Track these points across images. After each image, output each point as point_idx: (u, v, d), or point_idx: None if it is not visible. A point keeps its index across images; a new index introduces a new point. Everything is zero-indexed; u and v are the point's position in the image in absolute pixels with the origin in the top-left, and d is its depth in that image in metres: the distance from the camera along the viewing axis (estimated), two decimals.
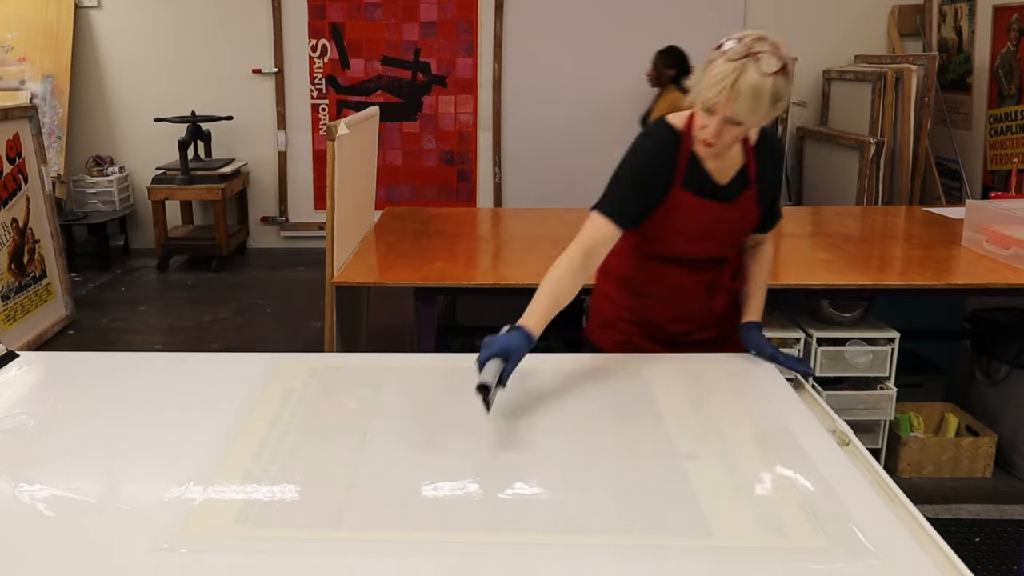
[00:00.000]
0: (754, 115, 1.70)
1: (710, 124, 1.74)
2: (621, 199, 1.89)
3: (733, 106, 1.68)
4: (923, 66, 4.73)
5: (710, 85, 1.68)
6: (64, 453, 1.51)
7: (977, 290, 2.85)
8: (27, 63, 5.87)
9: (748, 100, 1.66)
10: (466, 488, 1.38)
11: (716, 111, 1.71)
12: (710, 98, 1.69)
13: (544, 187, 6.08)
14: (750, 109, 1.68)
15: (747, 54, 1.65)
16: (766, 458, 1.49)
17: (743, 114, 1.69)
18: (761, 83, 1.65)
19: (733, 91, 1.66)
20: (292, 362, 1.93)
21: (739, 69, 1.65)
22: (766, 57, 1.65)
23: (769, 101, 1.68)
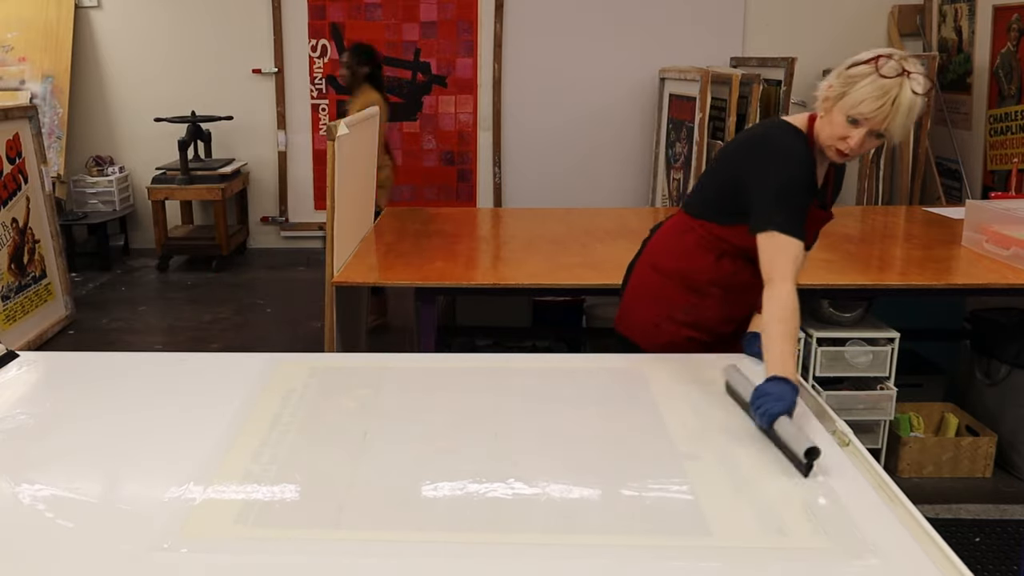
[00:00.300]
0: (904, 131, 1.76)
1: (853, 135, 1.76)
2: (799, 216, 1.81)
3: (890, 121, 1.72)
4: (923, 66, 4.74)
5: (868, 98, 1.71)
6: (64, 453, 1.51)
7: (977, 290, 2.85)
8: (27, 63, 5.87)
9: (904, 117, 1.72)
10: (466, 488, 1.38)
11: (865, 124, 1.74)
12: (868, 112, 1.72)
13: (544, 187, 6.08)
14: (903, 125, 1.74)
15: (901, 72, 1.71)
16: (766, 458, 1.49)
17: (897, 129, 1.74)
18: (915, 101, 1.71)
19: (894, 107, 1.70)
20: (292, 362, 1.93)
21: (899, 85, 1.70)
22: (917, 77, 1.72)
23: (914, 118, 1.75)
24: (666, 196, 5.36)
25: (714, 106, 4.74)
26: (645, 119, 5.96)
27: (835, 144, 1.80)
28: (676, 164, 5.16)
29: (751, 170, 1.87)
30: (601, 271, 2.83)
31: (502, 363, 2.00)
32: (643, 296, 2.14)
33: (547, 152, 6.10)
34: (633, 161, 6.03)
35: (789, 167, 1.83)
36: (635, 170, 6.02)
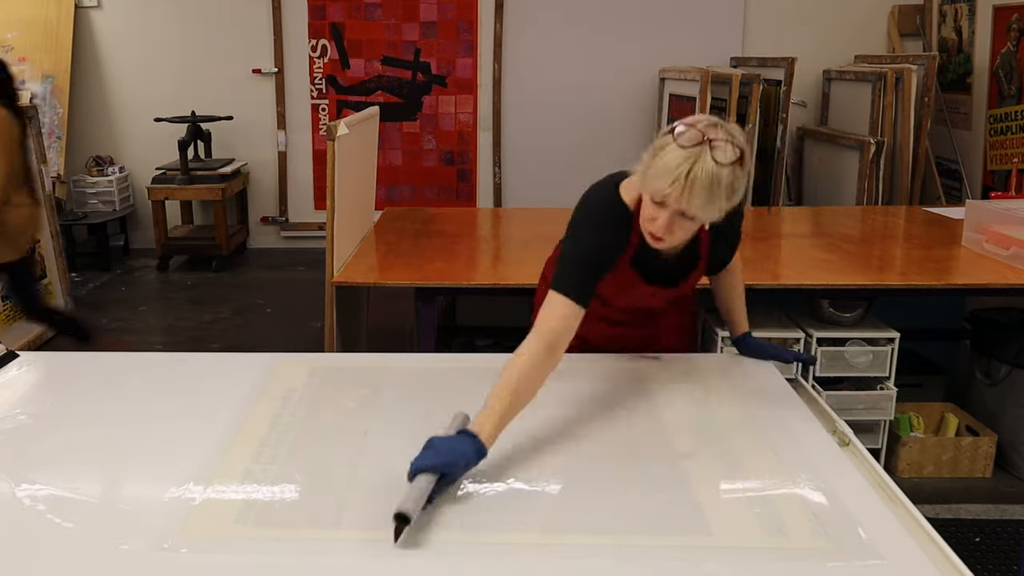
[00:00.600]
0: (709, 210, 1.52)
1: (660, 216, 1.57)
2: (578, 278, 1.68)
3: (687, 199, 1.51)
4: (923, 66, 4.74)
5: (661, 174, 1.51)
6: (64, 453, 1.51)
7: (977, 290, 2.85)
8: (27, 63, 5.86)
9: (703, 192, 1.49)
10: (466, 488, 1.38)
11: (667, 204, 1.54)
12: (660, 189, 1.52)
13: (544, 187, 6.07)
14: (705, 202, 1.51)
15: (701, 141, 1.49)
16: (766, 458, 1.49)
17: (697, 208, 1.52)
18: (718, 174, 1.48)
19: (688, 183, 1.49)
20: (292, 362, 1.94)
21: (693, 158, 1.49)
22: (721, 145, 1.49)
23: (725, 194, 1.51)
24: None
25: (714, 106, 4.74)
26: (645, 119, 5.96)
27: (646, 227, 1.63)
28: None
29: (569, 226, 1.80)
30: None
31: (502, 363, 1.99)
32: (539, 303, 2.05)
33: (547, 152, 6.10)
34: (633, 161, 5.99)
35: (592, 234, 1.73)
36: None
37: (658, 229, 1.59)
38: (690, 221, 1.57)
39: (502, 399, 1.47)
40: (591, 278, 1.70)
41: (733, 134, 1.52)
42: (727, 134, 1.52)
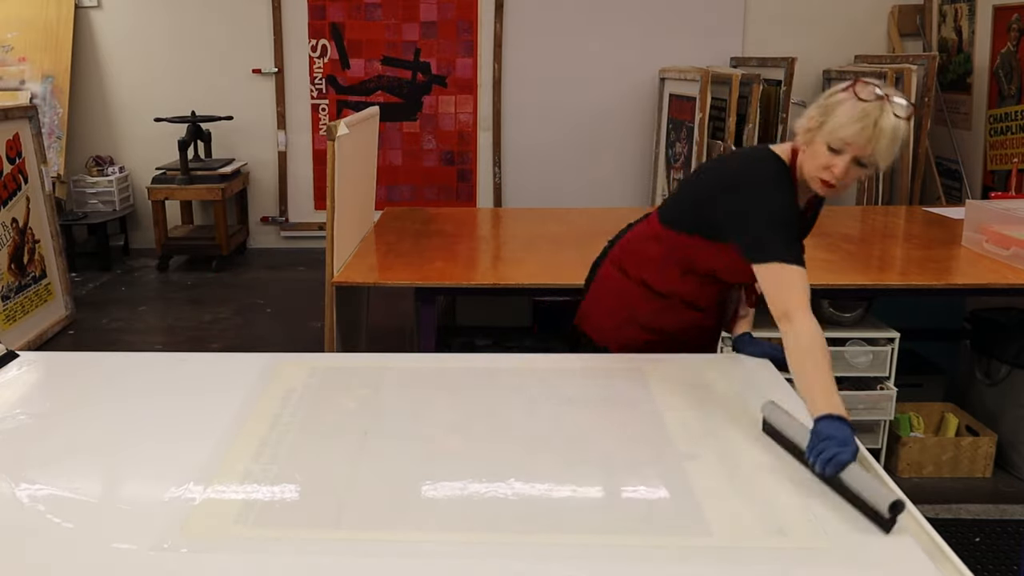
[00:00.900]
0: (889, 156, 1.68)
1: (837, 163, 1.68)
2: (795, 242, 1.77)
3: (874, 145, 1.65)
4: (923, 66, 4.74)
5: (846, 123, 1.65)
6: (64, 453, 1.51)
7: (977, 290, 2.85)
8: (27, 63, 5.86)
9: (888, 141, 1.65)
10: (466, 488, 1.38)
11: (848, 150, 1.67)
12: (849, 136, 1.65)
13: (544, 187, 6.07)
14: (887, 149, 1.66)
15: (880, 96, 1.65)
16: (766, 458, 1.49)
17: (882, 154, 1.66)
18: (898, 126, 1.65)
19: (876, 130, 1.63)
20: (292, 362, 1.94)
21: (879, 109, 1.63)
22: (898, 101, 1.65)
23: (900, 144, 1.68)
24: (666, 196, 5.36)
25: (714, 106, 4.74)
26: (645, 119, 5.96)
27: (819, 175, 1.73)
28: (676, 164, 5.16)
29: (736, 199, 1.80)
30: None
31: (502, 363, 2.00)
32: (606, 296, 2.12)
33: (547, 152, 6.10)
34: (633, 161, 6.02)
35: (778, 194, 1.78)
36: (635, 170, 6.02)
37: (838, 174, 1.70)
38: (861, 169, 1.70)
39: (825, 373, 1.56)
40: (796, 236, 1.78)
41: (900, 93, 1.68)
42: (898, 93, 1.68)
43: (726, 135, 4.60)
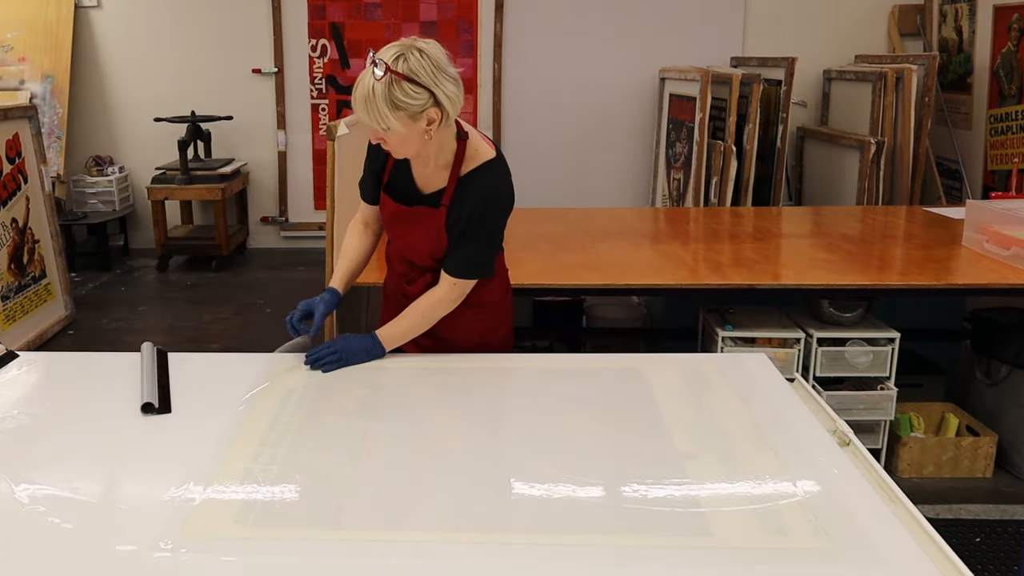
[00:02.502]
0: (375, 118, 1.72)
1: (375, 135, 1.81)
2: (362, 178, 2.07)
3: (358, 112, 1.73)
4: (923, 66, 4.73)
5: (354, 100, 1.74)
6: (64, 453, 1.51)
7: (977, 290, 2.85)
8: (27, 63, 5.86)
9: (363, 105, 1.71)
10: (466, 488, 1.38)
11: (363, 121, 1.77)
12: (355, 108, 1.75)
13: (544, 187, 6.07)
14: (366, 113, 1.72)
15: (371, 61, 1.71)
16: (766, 458, 1.49)
17: (364, 118, 1.74)
18: (370, 88, 1.69)
19: (354, 99, 1.73)
20: (292, 362, 1.93)
21: (362, 76, 1.72)
22: (379, 64, 1.69)
23: (386, 105, 1.70)
24: (666, 196, 5.35)
25: (714, 106, 4.74)
26: (645, 119, 5.96)
27: None
28: (676, 164, 5.16)
29: None
30: (601, 271, 2.83)
31: (502, 363, 2.00)
32: None
33: (547, 152, 6.10)
34: (633, 161, 6.02)
35: None
36: (635, 170, 6.01)
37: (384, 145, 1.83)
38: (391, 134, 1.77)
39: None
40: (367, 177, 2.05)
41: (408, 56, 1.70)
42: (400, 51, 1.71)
43: (726, 135, 4.60)
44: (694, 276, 2.80)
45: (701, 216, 3.94)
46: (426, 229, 1.96)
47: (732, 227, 3.60)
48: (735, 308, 3.00)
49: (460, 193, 1.92)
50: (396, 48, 1.72)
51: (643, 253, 3.11)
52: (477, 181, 1.93)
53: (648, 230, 3.65)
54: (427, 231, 1.96)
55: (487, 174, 1.95)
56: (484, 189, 1.94)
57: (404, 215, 1.98)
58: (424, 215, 1.95)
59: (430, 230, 1.95)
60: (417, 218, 1.96)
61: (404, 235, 2.02)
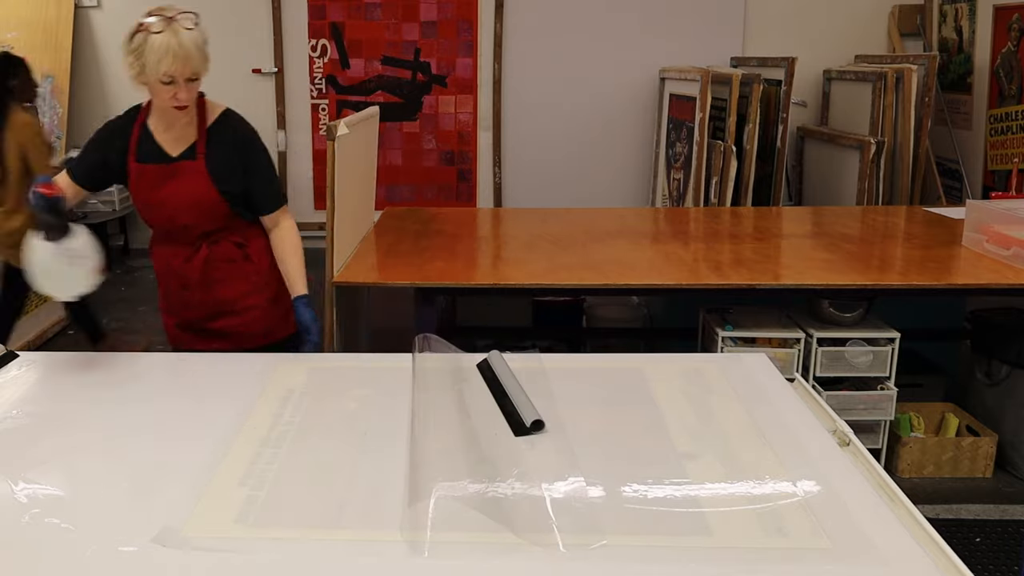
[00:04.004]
0: (200, 66, 2.00)
1: (180, 90, 2.00)
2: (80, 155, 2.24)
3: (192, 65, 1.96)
4: (923, 66, 4.73)
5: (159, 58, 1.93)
6: (64, 453, 1.51)
7: (977, 290, 2.85)
8: None
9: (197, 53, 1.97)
10: (466, 488, 1.38)
11: (176, 76, 1.96)
12: (167, 68, 1.94)
13: (544, 187, 6.07)
14: (200, 60, 1.99)
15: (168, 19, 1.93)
16: (766, 458, 1.49)
17: (198, 66, 1.99)
18: (194, 37, 1.96)
19: (183, 52, 1.93)
20: (292, 362, 1.94)
21: (172, 34, 1.92)
22: (182, 17, 1.94)
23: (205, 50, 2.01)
24: (666, 196, 5.35)
25: (714, 106, 4.74)
26: (645, 119, 5.96)
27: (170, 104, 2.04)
28: (676, 164, 5.16)
29: None
30: (601, 271, 2.83)
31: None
32: None
33: (547, 152, 6.10)
34: (633, 161, 6.02)
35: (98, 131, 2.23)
36: (635, 170, 6.01)
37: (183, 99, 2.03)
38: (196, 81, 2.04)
39: None
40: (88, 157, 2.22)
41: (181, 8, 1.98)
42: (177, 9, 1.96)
43: (726, 135, 4.60)
44: (694, 276, 2.80)
45: (701, 216, 3.95)
46: (189, 181, 2.13)
47: (732, 227, 3.60)
48: (735, 308, 3.00)
49: (212, 142, 2.15)
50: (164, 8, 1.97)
51: (643, 253, 3.11)
52: (226, 128, 2.18)
53: (648, 230, 3.65)
54: (190, 182, 2.13)
55: (230, 120, 2.21)
56: (238, 131, 2.20)
57: (165, 173, 2.13)
58: (185, 169, 2.13)
59: (193, 181, 2.13)
60: (178, 173, 2.13)
61: (171, 195, 2.13)
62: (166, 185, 2.13)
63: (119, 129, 2.18)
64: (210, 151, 2.13)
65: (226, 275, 2.23)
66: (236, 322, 2.25)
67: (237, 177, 2.17)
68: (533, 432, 1.56)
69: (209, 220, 2.18)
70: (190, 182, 2.13)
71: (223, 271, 2.23)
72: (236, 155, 2.17)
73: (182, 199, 2.13)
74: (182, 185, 2.13)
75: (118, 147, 2.15)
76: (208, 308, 2.24)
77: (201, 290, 2.22)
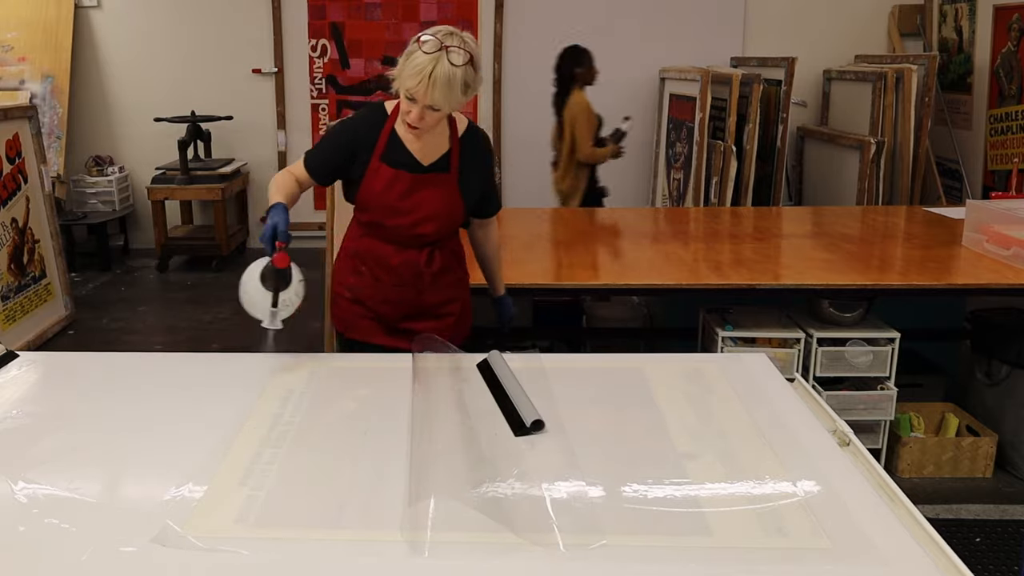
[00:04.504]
0: (449, 100, 1.92)
1: (412, 110, 1.95)
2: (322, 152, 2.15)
3: (430, 94, 1.89)
4: (923, 66, 4.73)
5: (410, 76, 1.89)
6: (64, 453, 1.51)
7: (977, 290, 2.85)
8: (27, 63, 5.86)
9: (443, 88, 1.88)
10: (466, 488, 1.38)
11: (417, 99, 1.91)
12: (411, 87, 1.90)
13: (544, 187, 6.05)
14: (444, 96, 1.90)
15: (441, 48, 1.87)
16: (766, 458, 1.49)
17: (440, 101, 1.90)
18: (453, 73, 1.88)
19: (431, 81, 1.87)
20: (292, 362, 1.93)
21: (436, 61, 1.87)
22: (456, 51, 1.88)
23: (460, 88, 1.91)
24: (666, 196, 5.36)
25: (714, 106, 4.74)
26: (645, 119, 5.96)
27: (404, 119, 2.00)
28: (676, 164, 5.16)
29: None
30: (601, 271, 2.83)
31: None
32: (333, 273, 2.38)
33: (547, 152, 6.08)
34: (633, 161, 6.02)
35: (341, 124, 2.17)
36: (635, 170, 6.01)
37: (413, 119, 1.97)
38: (437, 112, 1.95)
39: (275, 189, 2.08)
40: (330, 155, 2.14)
41: (466, 41, 1.92)
42: (460, 40, 1.91)
43: (726, 135, 4.60)
44: (694, 276, 2.80)
45: (701, 216, 3.94)
46: (441, 193, 2.11)
47: (732, 227, 3.60)
48: (735, 308, 3.00)
49: (464, 154, 2.13)
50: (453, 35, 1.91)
51: (643, 253, 3.11)
52: (474, 143, 2.15)
53: (648, 230, 3.65)
54: (442, 194, 2.11)
55: (476, 134, 2.18)
56: (483, 146, 2.19)
57: (416, 181, 2.09)
58: (437, 180, 2.10)
59: (445, 193, 2.11)
60: (430, 184, 2.10)
61: (420, 203, 2.10)
62: (416, 194, 2.09)
63: (367, 128, 2.11)
64: (462, 163, 2.13)
65: (446, 280, 2.22)
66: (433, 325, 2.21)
67: (478, 185, 2.18)
68: (533, 432, 1.56)
69: (448, 228, 2.18)
70: (442, 194, 2.11)
71: (446, 276, 2.22)
72: (481, 169, 2.18)
73: (432, 209, 2.11)
74: (433, 196, 2.10)
75: (366, 145, 2.09)
76: (411, 309, 2.21)
77: (421, 291, 2.19)
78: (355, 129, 2.11)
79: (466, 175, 2.13)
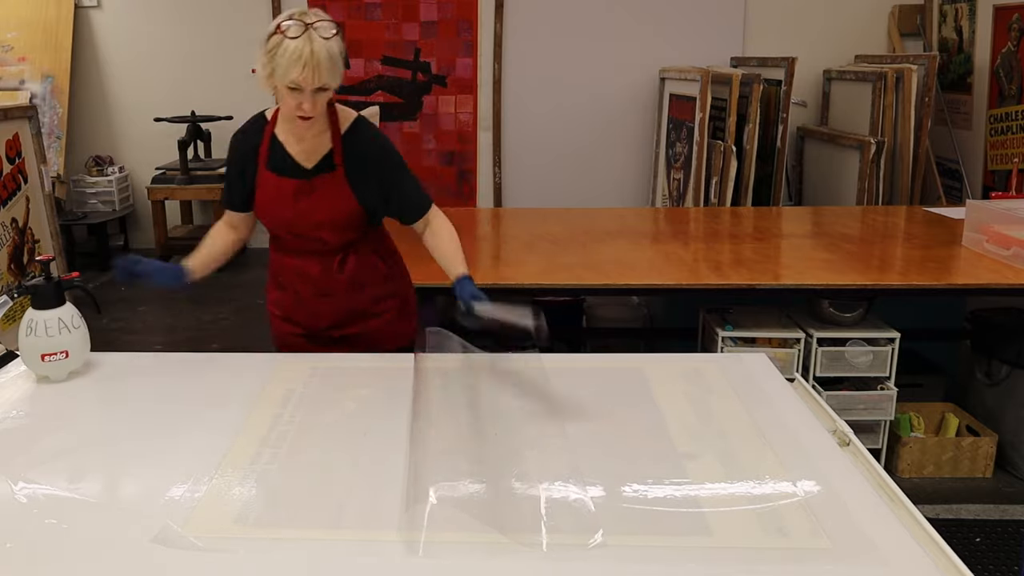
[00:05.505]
0: (335, 76, 1.85)
1: (304, 100, 1.85)
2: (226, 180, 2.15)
3: (317, 76, 1.81)
4: (923, 66, 4.73)
5: (290, 65, 1.80)
6: (64, 453, 1.51)
7: (977, 290, 2.85)
8: (27, 63, 5.86)
9: (328, 64, 1.81)
10: (466, 488, 1.38)
11: (304, 86, 1.82)
12: (295, 76, 1.81)
13: (544, 187, 6.07)
14: (331, 71, 1.83)
15: (306, 27, 1.81)
16: (766, 458, 1.49)
17: (328, 79, 1.83)
18: (330, 47, 1.82)
19: (314, 62, 1.79)
20: (292, 362, 1.94)
21: (308, 42, 1.80)
22: (321, 25, 1.82)
23: (341, 60, 1.86)
24: (666, 196, 5.35)
25: (714, 106, 4.74)
26: (645, 119, 5.96)
27: (297, 113, 1.89)
28: (676, 164, 5.16)
29: None
30: (601, 271, 2.83)
31: (502, 363, 1.99)
32: None
33: (547, 152, 6.10)
34: (633, 161, 6.02)
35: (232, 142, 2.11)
36: (635, 170, 6.02)
37: (308, 109, 1.87)
38: (325, 92, 1.87)
39: None
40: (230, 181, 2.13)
41: (321, 14, 1.87)
42: (316, 16, 1.85)
43: (726, 135, 4.60)
44: (694, 276, 2.80)
45: (701, 216, 3.94)
46: (329, 195, 2.02)
47: (732, 227, 3.60)
48: (735, 308, 3.00)
49: (348, 152, 2.02)
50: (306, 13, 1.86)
51: (643, 253, 3.11)
52: (361, 137, 2.04)
53: (648, 230, 3.65)
54: (330, 196, 2.02)
55: (364, 128, 2.07)
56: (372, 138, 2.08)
57: (301, 187, 2.02)
58: (325, 182, 2.02)
59: (333, 194, 2.02)
60: (316, 187, 2.02)
61: (310, 209, 2.03)
62: (304, 199, 2.02)
63: (247, 139, 2.06)
64: (347, 161, 2.02)
65: (368, 280, 2.16)
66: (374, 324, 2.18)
67: (375, 187, 2.07)
68: None
69: (349, 231, 2.10)
70: (330, 195, 2.02)
71: (365, 277, 2.16)
72: (373, 164, 2.06)
73: (323, 213, 2.04)
74: (322, 199, 2.02)
75: (251, 157, 2.05)
76: (342, 315, 2.16)
77: (342, 298, 2.14)
78: (238, 143, 2.07)
79: (356, 173, 2.03)
